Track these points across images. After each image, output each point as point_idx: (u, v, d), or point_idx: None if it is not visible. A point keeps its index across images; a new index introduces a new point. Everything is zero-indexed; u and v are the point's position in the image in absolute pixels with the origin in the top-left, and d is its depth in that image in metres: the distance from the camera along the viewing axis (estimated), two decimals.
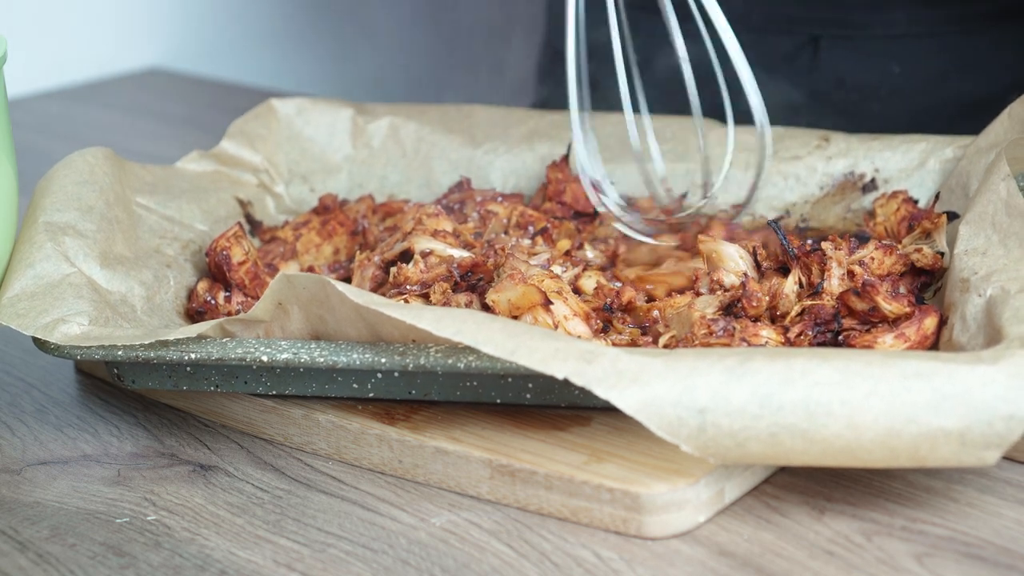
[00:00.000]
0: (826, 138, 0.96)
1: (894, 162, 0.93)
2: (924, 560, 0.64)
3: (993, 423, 0.62)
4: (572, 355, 0.65)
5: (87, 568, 0.67)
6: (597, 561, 0.65)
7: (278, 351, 0.73)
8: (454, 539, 0.68)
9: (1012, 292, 0.69)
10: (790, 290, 0.76)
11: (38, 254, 0.80)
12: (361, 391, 0.74)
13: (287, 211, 1.01)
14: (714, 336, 0.74)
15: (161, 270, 0.86)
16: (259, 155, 1.02)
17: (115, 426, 0.80)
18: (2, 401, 0.83)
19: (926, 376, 0.62)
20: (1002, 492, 0.69)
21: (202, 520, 0.70)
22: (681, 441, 0.63)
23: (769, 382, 0.63)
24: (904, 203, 0.88)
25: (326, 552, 0.67)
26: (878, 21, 1.15)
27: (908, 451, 0.63)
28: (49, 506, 0.72)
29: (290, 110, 1.05)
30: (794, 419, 0.63)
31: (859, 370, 0.63)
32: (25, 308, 0.77)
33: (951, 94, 1.16)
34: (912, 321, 0.72)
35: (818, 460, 0.63)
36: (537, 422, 0.73)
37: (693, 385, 0.63)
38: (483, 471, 0.70)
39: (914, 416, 0.62)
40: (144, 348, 0.74)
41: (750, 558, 0.65)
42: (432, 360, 0.71)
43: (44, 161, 1.00)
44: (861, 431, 0.63)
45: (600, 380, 0.64)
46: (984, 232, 0.76)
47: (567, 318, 0.75)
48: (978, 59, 1.15)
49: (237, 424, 0.79)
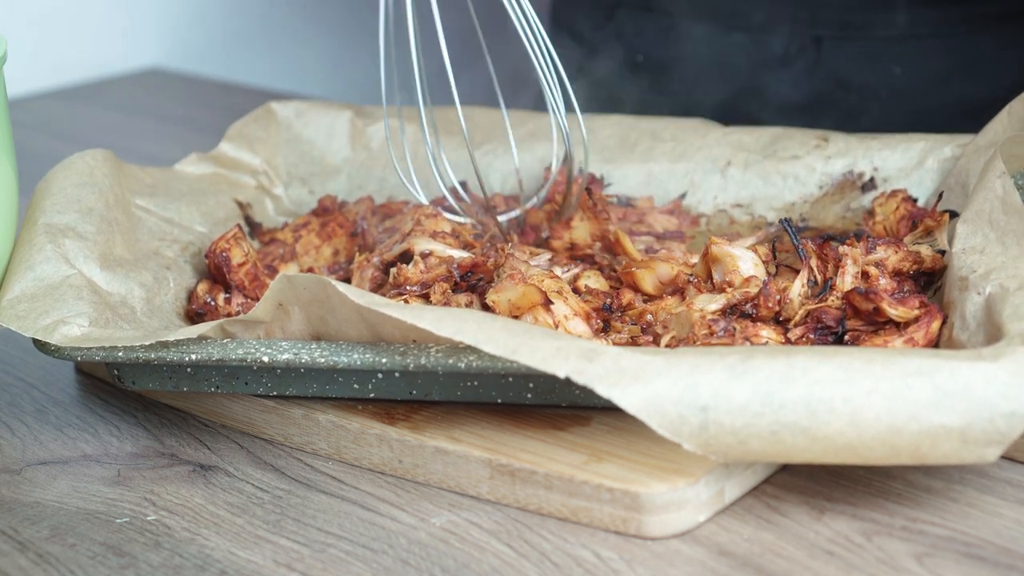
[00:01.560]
0: (825, 138, 0.96)
1: (893, 161, 0.93)
2: (924, 560, 0.64)
3: (994, 420, 0.62)
4: (574, 354, 0.65)
5: (87, 568, 0.67)
6: (597, 561, 0.65)
7: (279, 352, 0.73)
8: (454, 539, 0.68)
9: (1011, 289, 0.69)
10: (796, 293, 0.76)
11: (38, 256, 0.80)
12: (362, 391, 0.74)
13: (286, 213, 1.01)
14: (715, 336, 0.74)
15: (161, 272, 0.86)
16: (258, 157, 1.02)
17: (115, 426, 0.80)
18: (2, 401, 0.83)
19: (928, 373, 0.63)
20: (1002, 492, 0.69)
21: (202, 520, 0.70)
22: (683, 439, 0.63)
23: (771, 380, 0.63)
24: (903, 202, 0.88)
25: (326, 552, 0.67)
26: (879, 22, 1.15)
27: (910, 448, 0.63)
28: (49, 506, 0.72)
29: (289, 113, 1.05)
30: (796, 417, 0.63)
31: (861, 368, 0.63)
32: (25, 310, 0.77)
33: (953, 96, 1.15)
34: (920, 325, 0.72)
35: (820, 458, 0.64)
36: (537, 422, 0.73)
37: (695, 383, 0.63)
38: (483, 471, 0.70)
39: (916, 413, 0.62)
40: (144, 349, 0.74)
41: (750, 558, 0.65)
42: (433, 360, 0.71)
43: (44, 161, 1.00)
44: (863, 428, 0.63)
45: (602, 378, 0.64)
46: (982, 230, 0.76)
47: (567, 318, 0.75)
48: (980, 61, 1.15)
49: (237, 424, 0.79)
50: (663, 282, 0.80)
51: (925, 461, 0.63)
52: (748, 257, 0.78)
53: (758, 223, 0.94)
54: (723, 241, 0.79)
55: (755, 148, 0.97)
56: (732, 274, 0.78)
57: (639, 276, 0.80)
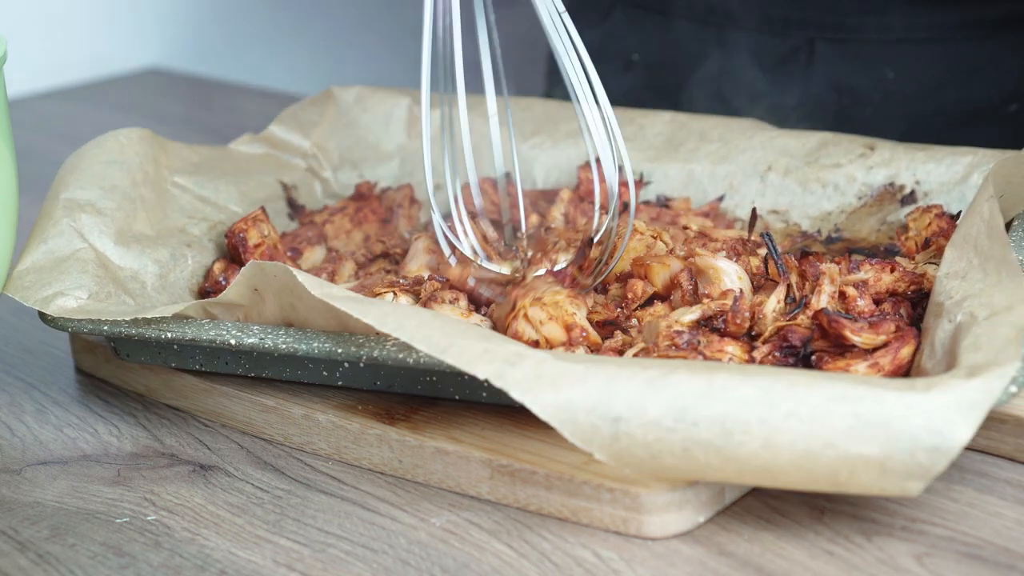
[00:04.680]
0: (871, 146, 0.93)
1: (937, 175, 0.90)
2: (924, 560, 0.64)
3: (915, 453, 0.60)
4: (498, 357, 0.65)
5: (87, 568, 0.67)
6: (597, 561, 0.65)
7: (247, 335, 0.75)
8: (454, 539, 0.68)
9: (979, 319, 0.67)
10: (771, 309, 0.74)
11: (53, 230, 0.82)
12: (331, 379, 0.76)
13: (333, 196, 1.02)
14: (676, 348, 0.72)
15: (180, 249, 0.87)
16: (308, 140, 1.02)
17: (115, 426, 0.80)
18: (2, 401, 0.83)
19: (851, 400, 0.60)
20: (1002, 492, 0.69)
21: (202, 520, 0.70)
22: (594, 449, 0.63)
23: (687, 396, 0.62)
24: (936, 218, 0.84)
25: (326, 552, 0.67)
26: (874, 25, 1.14)
27: (826, 475, 0.61)
28: (49, 506, 0.72)
29: (349, 98, 1.05)
30: (710, 435, 0.61)
31: (781, 390, 0.61)
32: (31, 281, 0.79)
33: (948, 102, 1.14)
34: (888, 350, 0.70)
35: (733, 478, 0.62)
36: (537, 422, 0.72)
37: (610, 393, 0.62)
38: (483, 471, 0.70)
39: (833, 440, 0.60)
40: (127, 324, 0.76)
41: (750, 558, 0.65)
42: (386, 353, 0.71)
43: (44, 161, 1.00)
44: (778, 452, 0.61)
45: (519, 383, 0.64)
46: (967, 255, 0.73)
47: (542, 323, 0.75)
48: (975, 67, 1.14)
49: (237, 424, 0.79)
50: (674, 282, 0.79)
51: (844, 489, 0.61)
52: (732, 270, 0.77)
53: (791, 231, 0.92)
54: (707, 253, 0.78)
55: (799, 153, 0.94)
56: (713, 286, 0.76)
57: (653, 270, 0.79)
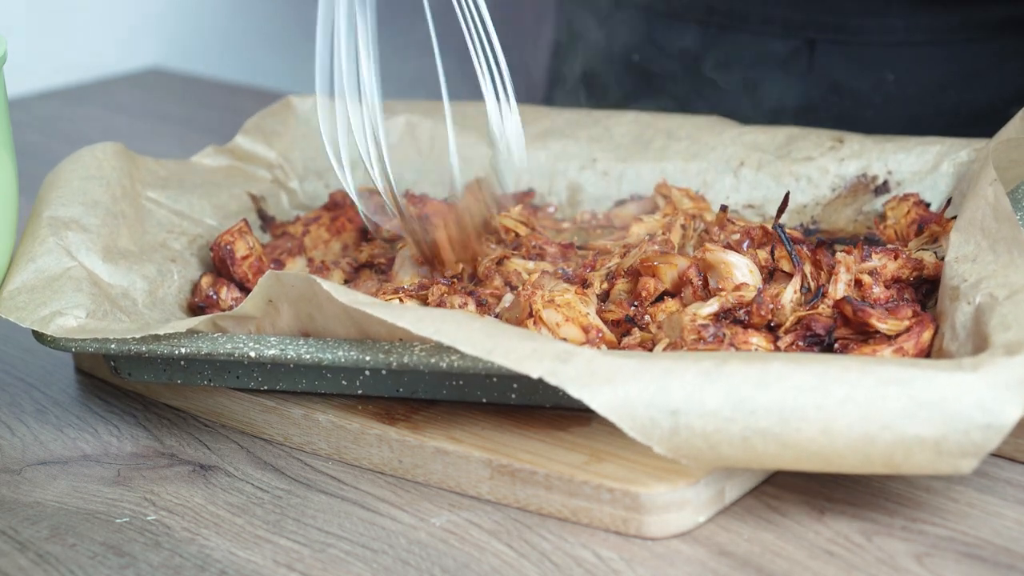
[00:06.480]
0: (840, 139, 0.95)
1: (908, 164, 0.92)
2: (924, 560, 0.64)
3: (970, 432, 0.61)
4: (548, 355, 0.65)
5: (87, 568, 0.67)
6: (597, 561, 0.65)
7: (266, 347, 0.74)
8: (454, 539, 0.68)
9: (1000, 299, 0.68)
10: (788, 300, 0.75)
11: (40, 248, 0.81)
12: (350, 388, 0.74)
13: (301, 207, 1.01)
14: (704, 342, 0.73)
15: (165, 264, 0.86)
16: (273, 151, 1.02)
17: (115, 426, 0.80)
18: (2, 401, 0.83)
19: (903, 383, 0.62)
20: (1002, 492, 0.69)
21: (202, 520, 0.70)
22: (653, 443, 0.63)
23: (744, 385, 0.62)
24: (915, 206, 0.86)
25: (326, 552, 0.67)
26: (875, 27, 1.14)
27: (883, 458, 0.62)
28: (49, 506, 0.72)
29: (308, 107, 1.05)
30: (768, 423, 0.62)
31: (836, 375, 0.62)
32: (24, 301, 0.78)
33: (948, 104, 1.14)
34: (911, 335, 0.71)
35: (792, 465, 0.63)
36: (537, 422, 0.73)
37: (667, 386, 0.63)
38: (483, 471, 0.70)
39: (889, 423, 0.61)
40: (136, 342, 0.75)
41: (750, 558, 0.65)
42: (416, 359, 0.71)
43: (44, 161, 1.00)
44: (835, 436, 0.62)
45: (573, 379, 0.64)
46: (974, 238, 0.74)
47: (559, 325, 0.75)
48: (977, 70, 1.14)
49: (237, 424, 0.79)
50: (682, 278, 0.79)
51: (899, 471, 0.63)
52: (743, 264, 0.77)
53: (768, 224, 0.93)
54: (717, 247, 0.78)
55: (769, 148, 0.96)
56: (726, 280, 0.77)
57: (660, 269, 0.79)
